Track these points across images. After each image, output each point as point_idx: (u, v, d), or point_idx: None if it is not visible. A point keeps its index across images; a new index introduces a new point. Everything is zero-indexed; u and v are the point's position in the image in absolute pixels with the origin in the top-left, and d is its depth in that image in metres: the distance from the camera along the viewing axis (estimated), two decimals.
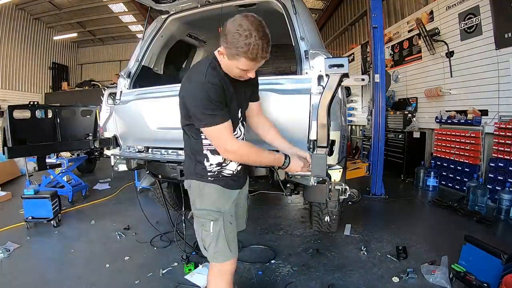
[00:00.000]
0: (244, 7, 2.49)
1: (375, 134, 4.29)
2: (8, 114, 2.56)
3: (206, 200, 1.40)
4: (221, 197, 1.41)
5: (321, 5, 10.08)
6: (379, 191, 4.23)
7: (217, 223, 1.39)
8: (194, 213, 1.44)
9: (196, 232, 1.48)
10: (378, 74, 4.16)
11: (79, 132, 3.72)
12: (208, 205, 1.39)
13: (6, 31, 9.67)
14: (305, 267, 2.38)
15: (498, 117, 3.73)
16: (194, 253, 2.59)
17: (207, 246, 1.42)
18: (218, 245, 1.40)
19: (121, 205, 4.09)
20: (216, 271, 1.47)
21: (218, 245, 1.40)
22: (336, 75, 1.35)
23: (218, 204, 1.40)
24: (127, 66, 2.70)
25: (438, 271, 2.13)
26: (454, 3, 4.36)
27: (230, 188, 1.44)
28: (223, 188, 1.41)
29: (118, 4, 10.04)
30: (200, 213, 1.41)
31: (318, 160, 1.47)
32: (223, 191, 1.42)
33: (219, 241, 1.39)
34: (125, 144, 2.58)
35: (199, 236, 1.45)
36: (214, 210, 1.39)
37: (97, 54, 13.59)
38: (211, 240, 1.40)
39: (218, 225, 1.39)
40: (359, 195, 4.06)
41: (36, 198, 3.20)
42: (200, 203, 1.41)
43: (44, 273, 2.38)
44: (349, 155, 7.00)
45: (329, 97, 1.44)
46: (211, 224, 1.39)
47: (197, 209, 1.42)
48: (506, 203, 3.23)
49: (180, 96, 1.34)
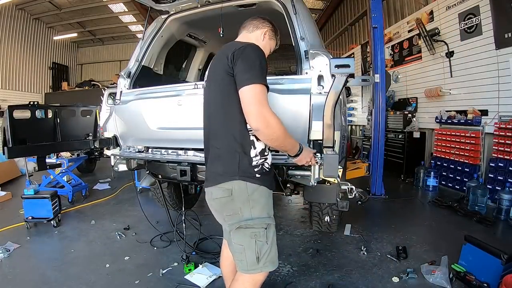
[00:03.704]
0: (244, 7, 2.49)
1: (375, 134, 4.29)
2: (8, 114, 2.56)
3: (256, 207, 1.26)
4: (269, 200, 1.31)
5: (321, 5, 10.07)
6: (379, 191, 4.23)
7: (270, 230, 1.29)
8: (242, 225, 1.26)
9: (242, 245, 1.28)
10: (378, 74, 4.16)
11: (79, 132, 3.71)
12: (259, 212, 1.27)
13: (6, 31, 9.67)
14: (305, 267, 2.38)
15: (498, 117, 3.73)
16: (194, 253, 2.59)
17: (261, 257, 1.27)
18: (271, 253, 1.30)
19: (121, 205, 4.09)
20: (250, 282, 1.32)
21: (271, 253, 1.30)
22: (342, 76, 1.35)
23: (267, 209, 1.30)
24: (127, 66, 2.70)
25: (438, 271, 2.13)
26: (454, 3, 4.37)
27: (273, 189, 1.35)
28: (269, 190, 1.31)
29: (118, 4, 10.04)
30: (253, 222, 1.26)
31: (330, 160, 1.47)
32: (269, 193, 1.32)
33: (272, 248, 1.30)
34: (125, 144, 2.58)
35: (249, 249, 1.27)
36: (266, 217, 1.28)
37: (97, 54, 13.60)
38: (267, 250, 1.28)
39: (271, 232, 1.30)
40: (365, 195, 4.05)
41: (36, 198, 3.20)
42: (249, 212, 1.26)
43: (44, 273, 2.37)
44: (349, 155, 7.01)
45: (335, 98, 1.44)
46: (265, 233, 1.27)
47: (246, 220, 1.26)
48: (506, 203, 3.23)
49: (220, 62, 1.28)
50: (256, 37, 1.48)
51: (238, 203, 1.26)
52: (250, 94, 1.17)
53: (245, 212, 1.26)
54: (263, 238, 1.27)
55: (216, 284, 2.15)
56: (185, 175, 2.14)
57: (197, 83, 2.18)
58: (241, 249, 1.29)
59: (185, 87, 2.30)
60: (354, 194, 1.69)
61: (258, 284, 1.35)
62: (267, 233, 1.28)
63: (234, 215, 1.28)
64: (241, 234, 1.28)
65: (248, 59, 1.21)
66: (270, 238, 1.29)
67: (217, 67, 1.32)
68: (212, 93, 1.35)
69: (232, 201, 1.27)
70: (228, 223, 1.31)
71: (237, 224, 1.27)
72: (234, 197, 1.26)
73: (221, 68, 1.26)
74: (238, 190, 1.25)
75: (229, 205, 1.28)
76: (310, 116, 1.80)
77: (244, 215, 1.26)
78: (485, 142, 3.96)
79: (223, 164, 1.28)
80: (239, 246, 1.29)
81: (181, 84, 2.46)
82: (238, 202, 1.26)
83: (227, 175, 1.25)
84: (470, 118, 4.06)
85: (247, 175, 1.24)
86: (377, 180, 4.24)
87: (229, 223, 1.30)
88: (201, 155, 2.11)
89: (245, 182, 1.24)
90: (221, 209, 1.33)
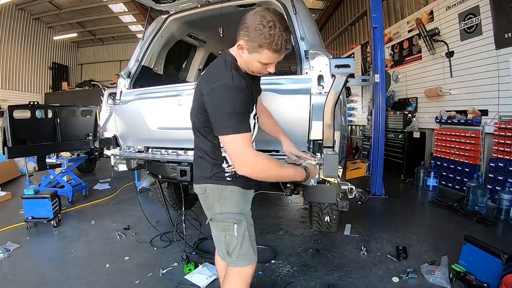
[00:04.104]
0: (244, 7, 2.49)
1: (375, 134, 4.29)
2: (8, 114, 2.56)
3: (227, 203, 1.34)
4: (241, 198, 1.37)
5: (321, 5, 10.07)
6: (379, 191, 4.23)
7: (241, 226, 1.34)
8: (214, 218, 1.37)
9: (216, 237, 1.39)
10: (378, 74, 4.16)
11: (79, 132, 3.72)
12: (230, 208, 1.34)
13: (6, 31, 9.68)
14: (305, 267, 2.38)
15: (498, 117, 3.73)
16: (194, 253, 2.59)
17: (231, 251, 1.34)
18: (242, 249, 1.34)
19: (121, 205, 4.09)
20: (236, 276, 1.38)
21: (243, 248, 1.34)
22: (342, 76, 1.35)
23: (240, 206, 1.36)
24: (127, 66, 2.70)
25: (438, 271, 2.13)
26: (454, 3, 4.36)
27: (248, 188, 1.40)
28: (243, 189, 1.37)
29: (118, 4, 10.04)
30: (223, 216, 1.34)
31: (330, 160, 1.47)
32: (243, 192, 1.37)
33: (243, 244, 1.34)
34: (125, 144, 2.58)
35: (221, 241, 1.37)
36: (236, 213, 1.34)
37: (97, 54, 13.60)
38: (236, 244, 1.33)
39: (242, 228, 1.34)
40: (366, 195, 4.06)
41: (36, 198, 3.20)
42: (220, 207, 1.34)
43: (44, 273, 2.37)
44: (349, 155, 7.01)
45: (335, 98, 1.44)
46: (234, 227, 1.32)
47: (217, 214, 1.35)
48: (506, 203, 3.23)
49: (197, 96, 1.24)
50: (235, 52, 1.24)
51: (210, 200, 1.37)
52: (229, 145, 1.17)
53: (216, 207, 1.36)
54: (232, 232, 1.33)
55: (216, 284, 2.14)
56: (185, 175, 2.14)
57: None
58: (216, 241, 1.41)
59: (185, 87, 2.30)
60: (354, 194, 1.69)
61: (246, 277, 1.40)
62: (238, 228, 1.33)
63: (209, 209, 1.39)
64: (214, 227, 1.39)
65: (218, 108, 1.13)
66: (241, 233, 1.34)
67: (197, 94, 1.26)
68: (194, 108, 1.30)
69: (207, 198, 1.38)
70: (208, 216, 1.42)
71: (211, 216, 1.38)
72: (208, 195, 1.37)
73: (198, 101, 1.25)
74: (210, 190, 1.35)
75: (206, 200, 1.40)
76: (310, 116, 1.80)
77: (215, 210, 1.36)
78: (485, 142, 3.96)
79: (197, 169, 1.41)
80: (215, 238, 1.42)
81: (181, 84, 2.46)
82: (211, 199, 1.37)
83: (201, 178, 1.38)
84: (470, 118, 4.06)
85: (217, 178, 1.34)
86: (377, 180, 4.23)
87: (208, 215, 1.41)
88: None
89: (217, 185, 1.34)
90: (202, 203, 1.45)
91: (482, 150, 3.99)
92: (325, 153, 1.55)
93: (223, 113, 1.13)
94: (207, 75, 1.26)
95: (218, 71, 1.22)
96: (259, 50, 1.14)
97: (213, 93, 1.14)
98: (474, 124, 4.01)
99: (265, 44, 1.12)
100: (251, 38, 1.13)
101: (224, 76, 1.16)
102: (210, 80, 1.19)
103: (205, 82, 1.21)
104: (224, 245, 1.35)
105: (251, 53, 1.17)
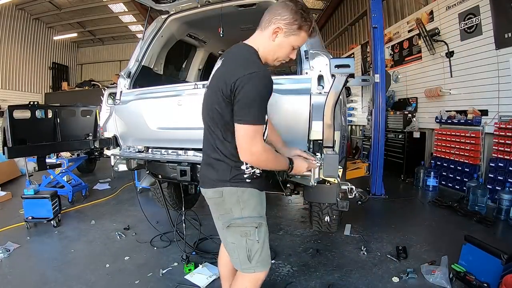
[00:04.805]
0: (244, 7, 2.49)
1: (375, 134, 4.29)
2: (8, 114, 2.56)
3: (247, 207, 1.29)
4: (259, 201, 1.34)
5: (321, 5, 10.07)
6: (379, 191, 4.23)
7: (261, 229, 1.31)
8: (233, 223, 1.30)
9: (234, 243, 1.32)
10: (378, 74, 4.16)
11: (79, 132, 3.72)
12: (249, 211, 1.29)
13: (6, 31, 9.68)
14: (305, 267, 2.38)
15: (498, 117, 3.73)
16: (194, 253, 2.59)
17: (253, 256, 1.30)
18: (263, 253, 1.32)
19: (121, 205, 4.08)
20: (251, 282, 1.35)
21: (263, 253, 1.32)
22: (342, 76, 1.35)
23: (258, 209, 1.32)
24: (127, 66, 2.70)
25: (438, 271, 2.13)
26: (454, 3, 4.37)
27: (263, 190, 1.38)
28: (259, 191, 1.34)
29: (118, 4, 10.05)
30: (243, 221, 1.29)
31: (330, 160, 1.47)
32: (260, 193, 1.34)
33: (264, 248, 1.32)
34: (125, 144, 2.58)
35: (240, 247, 1.31)
36: (256, 216, 1.30)
37: (97, 54, 13.60)
38: (258, 248, 1.30)
39: (262, 231, 1.31)
40: (366, 195, 4.05)
41: (36, 198, 3.20)
42: (240, 212, 1.29)
43: (44, 273, 2.37)
44: (349, 155, 7.01)
45: (335, 98, 1.44)
46: (256, 232, 1.29)
47: (236, 219, 1.29)
48: (506, 203, 3.23)
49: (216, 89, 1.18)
50: (263, 40, 1.25)
51: (228, 204, 1.30)
52: (243, 133, 1.16)
53: (235, 212, 1.29)
54: (254, 237, 1.29)
55: (216, 284, 2.15)
56: (185, 175, 2.14)
57: (197, 83, 2.18)
58: (234, 247, 1.33)
59: (185, 87, 2.30)
60: (354, 194, 1.69)
61: (259, 283, 1.37)
62: (258, 232, 1.30)
63: (226, 215, 1.31)
64: (232, 233, 1.32)
65: (249, 95, 1.12)
66: (262, 237, 1.31)
67: (220, 82, 1.18)
68: (210, 105, 1.24)
69: (223, 202, 1.30)
70: (222, 222, 1.34)
71: (228, 222, 1.31)
72: (225, 199, 1.29)
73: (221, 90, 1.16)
74: (228, 194, 1.28)
75: (221, 205, 1.32)
76: (310, 116, 1.80)
77: (234, 215, 1.29)
78: (485, 142, 3.96)
79: (216, 172, 1.30)
80: (231, 244, 1.34)
81: (181, 84, 2.46)
82: (228, 203, 1.29)
83: (220, 182, 1.29)
84: (470, 118, 4.06)
85: (237, 181, 1.28)
86: (377, 180, 4.23)
87: (222, 221, 1.33)
88: (201, 155, 2.10)
89: (236, 188, 1.28)
90: (215, 208, 1.36)
91: (482, 150, 3.99)
92: (325, 153, 1.56)
93: (252, 101, 1.12)
94: (233, 63, 1.22)
95: (246, 59, 1.20)
96: (298, 32, 1.22)
97: (249, 81, 1.10)
98: (474, 124, 4.01)
99: (305, 26, 1.21)
100: (292, 21, 1.19)
101: (255, 64, 1.16)
102: (241, 67, 1.15)
103: (233, 70, 1.16)
104: (245, 251, 1.30)
105: (288, 36, 1.22)
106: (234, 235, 1.32)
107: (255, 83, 1.11)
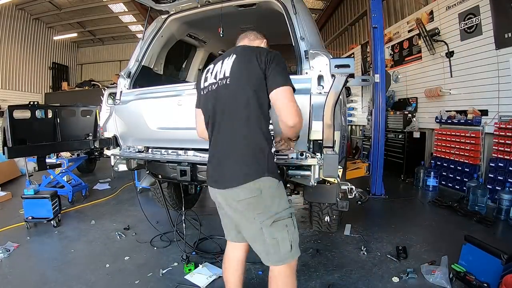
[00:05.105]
0: (244, 7, 2.49)
1: (375, 134, 4.29)
2: (8, 114, 2.55)
3: (283, 199, 1.35)
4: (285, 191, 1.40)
5: (321, 5, 10.07)
6: (379, 191, 4.23)
7: (294, 217, 1.38)
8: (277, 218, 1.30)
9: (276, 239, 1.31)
10: (378, 74, 4.16)
11: (79, 132, 3.71)
12: (284, 203, 1.36)
13: (6, 31, 9.67)
14: (305, 267, 2.38)
15: (498, 117, 3.73)
16: (194, 253, 2.59)
17: (294, 243, 1.33)
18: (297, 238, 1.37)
19: (121, 205, 4.08)
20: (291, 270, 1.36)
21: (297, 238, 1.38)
22: (342, 76, 1.35)
23: (286, 199, 1.39)
24: (127, 66, 2.70)
25: (438, 271, 2.13)
26: (454, 3, 4.37)
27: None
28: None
29: (118, 4, 10.04)
30: (283, 214, 1.32)
31: (330, 160, 1.48)
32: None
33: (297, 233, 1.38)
34: (125, 144, 2.58)
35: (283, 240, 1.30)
36: (289, 207, 1.36)
37: (97, 54, 13.60)
38: (296, 235, 1.36)
39: (295, 218, 1.38)
40: (365, 195, 4.06)
41: (36, 198, 3.20)
42: (277, 205, 1.31)
43: (44, 273, 2.37)
44: (349, 155, 7.01)
45: (335, 98, 1.45)
46: (292, 221, 1.35)
47: (276, 213, 1.30)
48: (506, 203, 3.23)
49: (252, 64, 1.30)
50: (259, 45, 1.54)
51: (268, 200, 1.29)
52: (287, 94, 1.27)
53: (274, 206, 1.31)
54: (292, 226, 1.34)
55: (216, 284, 2.15)
56: (185, 175, 2.14)
57: None
58: (275, 242, 1.31)
59: (185, 87, 2.30)
60: (354, 194, 1.69)
61: (295, 270, 1.40)
62: (293, 220, 1.37)
63: (265, 212, 1.29)
64: (276, 228, 1.30)
65: (281, 63, 1.31)
66: (296, 224, 1.38)
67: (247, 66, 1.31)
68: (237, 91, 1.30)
69: (261, 199, 1.27)
70: (261, 220, 1.29)
71: (270, 219, 1.29)
72: (264, 194, 1.27)
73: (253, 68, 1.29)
74: (268, 185, 1.28)
75: (258, 203, 1.28)
76: (310, 116, 1.80)
77: (273, 209, 1.30)
78: (485, 142, 3.96)
79: (250, 163, 1.26)
80: (273, 240, 1.31)
81: (181, 84, 2.46)
82: (266, 198, 1.28)
83: (256, 173, 1.25)
84: (470, 118, 4.06)
85: (272, 171, 1.29)
86: (377, 180, 4.23)
87: (262, 220, 1.29)
88: (201, 155, 2.10)
89: (272, 178, 1.29)
90: (250, 208, 1.30)
91: (482, 150, 3.99)
92: (325, 153, 1.56)
93: (285, 68, 1.31)
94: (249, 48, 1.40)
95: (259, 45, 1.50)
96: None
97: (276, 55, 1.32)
98: (474, 124, 4.01)
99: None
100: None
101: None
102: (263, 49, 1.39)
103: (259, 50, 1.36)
104: (288, 242, 1.31)
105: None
106: (277, 230, 1.30)
107: (280, 56, 1.33)
